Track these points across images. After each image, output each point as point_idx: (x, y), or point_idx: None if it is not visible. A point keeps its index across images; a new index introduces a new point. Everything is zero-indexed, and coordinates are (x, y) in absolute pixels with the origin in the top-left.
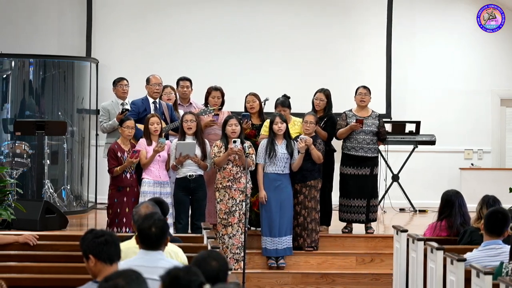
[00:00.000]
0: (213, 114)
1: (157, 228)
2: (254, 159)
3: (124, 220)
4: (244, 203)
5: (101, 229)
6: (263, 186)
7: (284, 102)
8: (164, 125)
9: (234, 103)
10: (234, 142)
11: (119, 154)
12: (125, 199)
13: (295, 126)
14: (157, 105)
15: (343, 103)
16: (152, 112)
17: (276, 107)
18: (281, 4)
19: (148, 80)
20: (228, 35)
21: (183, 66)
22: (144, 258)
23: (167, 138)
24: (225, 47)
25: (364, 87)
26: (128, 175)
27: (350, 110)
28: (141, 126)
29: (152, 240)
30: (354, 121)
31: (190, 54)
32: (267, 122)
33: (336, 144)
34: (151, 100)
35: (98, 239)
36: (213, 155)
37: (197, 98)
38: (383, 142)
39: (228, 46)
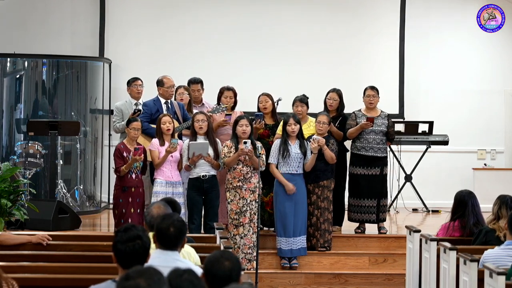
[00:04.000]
0: (225, 112)
1: (175, 228)
2: (264, 159)
3: (130, 220)
4: (255, 203)
5: (139, 233)
6: (285, 180)
7: (303, 99)
8: (176, 124)
9: (246, 103)
10: (245, 143)
11: (124, 154)
12: (130, 199)
13: (310, 127)
14: (169, 105)
15: (355, 103)
16: (165, 112)
17: (294, 102)
18: (294, 3)
19: (161, 82)
20: (241, 34)
21: (196, 66)
22: (160, 258)
23: (180, 138)
24: (238, 47)
25: (372, 88)
26: (133, 176)
27: (359, 110)
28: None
29: (170, 239)
30: (364, 120)
31: (203, 53)
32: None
33: (347, 144)
34: (163, 100)
35: (123, 245)
36: (223, 155)
37: (210, 98)
38: (392, 142)
39: (241, 46)
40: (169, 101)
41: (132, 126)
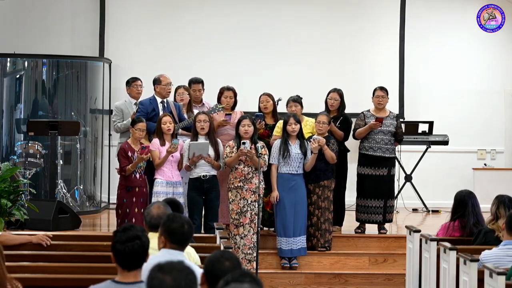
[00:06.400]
0: (222, 112)
1: (189, 225)
2: (267, 159)
3: (134, 220)
4: (256, 204)
5: (138, 233)
6: (276, 186)
7: (296, 99)
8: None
9: (247, 103)
10: (244, 143)
11: (129, 153)
12: (134, 199)
13: (306, 126)
14: (165, 105)
15: (355, 103)
16: (161, 111)
17: (287, 103)
18: (294, 3)
19: (158, 81)
20: (241, 34)
21: (196, 66)
22: (165, 257)
23: (176, 137)
24: (238, 47)
25: (382, 88)
26: (137, 175)
27: (368, 111)
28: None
29: (184, 237)
30: (373, 120)
31: (203, 53)
32: (279, 123)
33: (351, 144)
34: (159, 99)
35: (122, 245)
36: (225, 155)
37: (210, 98)
38: (400, 142)
39: (241, 46)
40: (165, 100)
41: (138, 127)
